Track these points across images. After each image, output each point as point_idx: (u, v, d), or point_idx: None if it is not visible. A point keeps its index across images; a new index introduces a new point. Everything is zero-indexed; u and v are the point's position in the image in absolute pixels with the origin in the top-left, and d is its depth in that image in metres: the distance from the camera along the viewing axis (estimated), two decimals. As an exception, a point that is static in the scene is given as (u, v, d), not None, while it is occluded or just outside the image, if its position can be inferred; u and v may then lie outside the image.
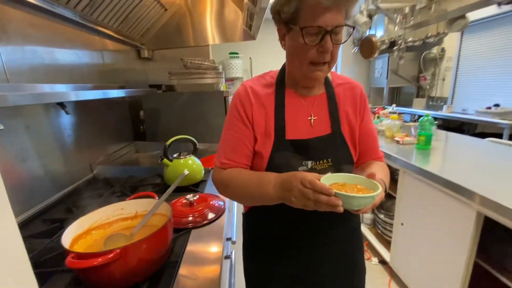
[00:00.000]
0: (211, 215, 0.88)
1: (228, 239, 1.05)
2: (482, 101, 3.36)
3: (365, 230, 2.21)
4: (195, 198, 0.92)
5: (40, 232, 0.78)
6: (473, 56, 3.59)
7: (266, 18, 5.53)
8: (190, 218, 0.85)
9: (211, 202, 0.94)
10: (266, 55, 4.94)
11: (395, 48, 2.40)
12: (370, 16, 2.46)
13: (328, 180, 0.54)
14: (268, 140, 0.67)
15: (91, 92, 1.11)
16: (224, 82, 2.48)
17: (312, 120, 0.70)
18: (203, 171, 1.20)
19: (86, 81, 1.28)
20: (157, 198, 0.79)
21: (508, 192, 1.06)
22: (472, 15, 3.24)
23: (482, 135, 2.65)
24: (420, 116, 3.30)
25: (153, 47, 2.01)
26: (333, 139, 0.70)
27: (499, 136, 2.62)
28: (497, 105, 3.03)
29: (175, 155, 1.15)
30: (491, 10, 2.85)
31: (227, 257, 0.99)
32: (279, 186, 0.56)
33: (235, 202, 1.48)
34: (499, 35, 3.20)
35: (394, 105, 3.35)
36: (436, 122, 3.71)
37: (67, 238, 0.56)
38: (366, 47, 2.72)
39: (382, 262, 2.00)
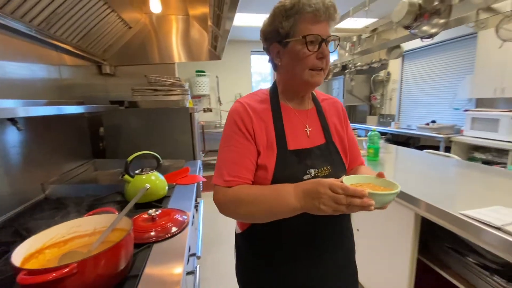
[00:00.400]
0: (174, 229, 0.88)
1: (193, 254, 1.05)
2: (422, 118, 3.83)
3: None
4: (157, 212, 0.92)
5: (-18, 257, 0.71)
6: (413, 79, 4.13)
7: (232, 39, 5.73)
8: (152, 233, 0.84)
9: (174, 216, 0.95)
10: (232, 74, 5.11)
11: (346, 71, 2.68)
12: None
13: (347, 181, 0.58)
14: (271, 152, 0.69)
15: (44, 108, 1.07)
16: (191, 99, 2.50)
17: (308, 131, 0.75)
18: (167, 187, 1.20)
19: (41, 96, 1.22)
20: (117, 213, 0.78)
21: (439, 195, 1.23)
22: (410, 45, 3.78)
23: (424, 148, 3.01)
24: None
25: (115, 63, 1.98)
26: (328, 148, 0.75)
27: (437, 148, 3.01)
28: (433, 122, 3.48)
29: (137, 171, 1.14)
30: (425, 41, 3.35)
31: (191, 272, 0.98)
32: (303, 196, 0.56)
33: (201, 215, 1.48)
34: (432, 62, 3.75)
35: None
36: (386, 136, 4.11)
37: (17, 257, 0.53)
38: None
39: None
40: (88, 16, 1.33)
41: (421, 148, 2.98)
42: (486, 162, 2.75)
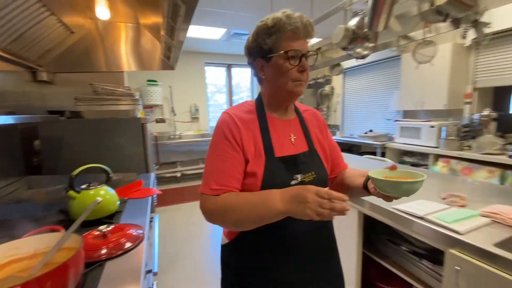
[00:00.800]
0: (128, 245, 0.84)
1: (149, 271, 1.00)
2: (362, 128, 4.31)
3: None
4: (109, 228, 0.86)
5: None
6: (353, 93, 4.63)
7: (186, 50, 5.68)
8: (104, 251, 0.79)
9: (128, 231, 0.90)
10: (186, 85, 5.02)
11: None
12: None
13: (377, 175, 0.64)
14: (260, 160, 0.72)
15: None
16: (142, 109, 2.39)
17: (293, 139, 0.79)
18: (118, 202, 1.13)
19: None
20: (63, 231, 0.71)
21: (376, 193, 1.41)
22: (349, 63, 4.27)
23: (364, 153, 3.37)
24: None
25: (54, 70, 1.80)
26: (311, 154, 0.80)
27: (375, 153, 3.41)
28: (371, 131, 3.94)
29: (83, 186, 1.05)
30: (359, 61, 3.81)
31: (148, 289, 0.93)
32: (289, 200, 0.59)
33: (156, 230, 1.41)
34: (368, 79, 4.28)
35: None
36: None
37: None
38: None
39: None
40: (22, 18, 1.21)
41: (362, 154, 3.33)
42: (413, 164, 3.21)
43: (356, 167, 0.90)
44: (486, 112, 2.62)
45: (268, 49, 0.71)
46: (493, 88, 2.87)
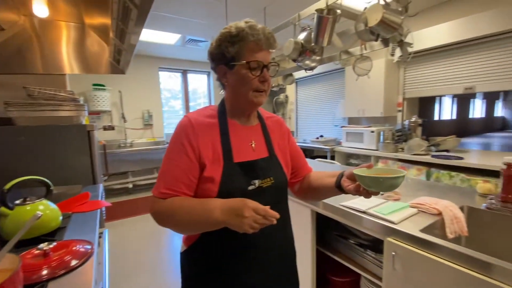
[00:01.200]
0: (74, 262, 0.77)
1: (99, 290, 0.92)
2: (314, 133, 4.61)
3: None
4: (50, 246, 0.78)
5: None
6: (305, 101, 4.95)
7: (139, 54, 5.38)
8: (45, 271, 0.71)
9: (74, 248, 0.82)
10: (139, 90, 4.76)
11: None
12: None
13: (360, 172, 0.68)
14: (218, 165, 0.73)
15: None
16: (87, 116, 2.20)
17: (253, 145, 0.80)
18: (61, 217, 1.02)
19: None
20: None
21: (327, 193, 1.53)
22: (301, 73, 4.57)
23: (317, 157, 3.61)
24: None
25: (-24, 70, 1.56)
26: (271, 160, 0.82)
27: (325, 157, 3.68)
28: (321, 136, 4.25)
29: (17, 202, 0.93)
30: (308, 72, 4.11)
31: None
32: (228, 211, 0.62)
33: (106, 246, 1.31)
34: (318, 88, 4.62)
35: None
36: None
37: None
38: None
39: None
40: None
41: (314, 157, 3.57)
42: (359, 166, 3.55)
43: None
44: (413, 118, 3.06)
45: (231, 57, 0.72)
46: (418, 98, 3.37)
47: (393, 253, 1.03)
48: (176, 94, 5.55)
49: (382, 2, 1.27)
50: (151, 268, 2.24)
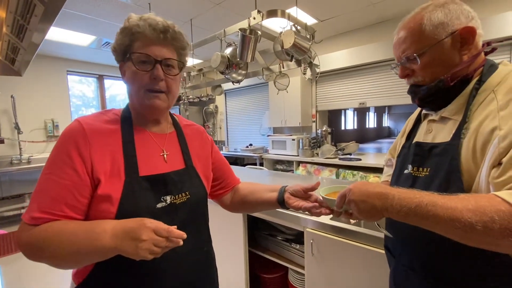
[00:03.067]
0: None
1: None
2: (244, 142, 4.82)
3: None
4: None
5: None
6: (235, 112, 5.14)
7: (42, 54, 4.62)
8: None
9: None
10: (39, 95, 4.01)
11: (180, 102, 2.96)
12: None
13: (323, 192, 0.70)
14: (117, 180, 0.60)
15: None
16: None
17: (165, 156, 0.69)
18: None
19: None
20: None
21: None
22: (230, 85, 4.76)
23: (247, 165, 3.78)
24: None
25: None
26: (188, 173, 0.71)
27: (255, 164, 3.89)
28: (251, 145, 4.48)
29: None
30: (241, 82, 4.31)
31: None
32: (121, 235, 0.51)
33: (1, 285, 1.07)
34: (246, 99, 4.88)
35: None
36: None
37: None
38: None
39: None
40: None
41: (245, 165, 3.73)
42: (284, 170, 3.90)
43: (242, 177, 1.02)
44: (324, 128, 3.60)
45: (123, 51, 0.65)
46: (328, 110, 3.98)
47: (311, 240, 1.21)
48: (89, 102, 4.90)
49: (294, 29, 1.51)
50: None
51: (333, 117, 4.33)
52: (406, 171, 0.65)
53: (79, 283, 0.62)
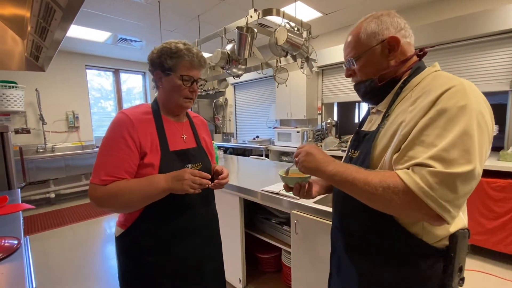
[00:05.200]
0: None
1: None
2: (251, 134, 4.94)
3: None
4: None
5: None
6: (243, 105, 5.25)
7: (63, 50, 4.87)
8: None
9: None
10: (61, 89, 4.31)
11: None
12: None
13: (281, 172, 0.85)
14: (156, 153, 0.87)
15: None
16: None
17: (184, 138, 0.99)
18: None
19: None
20: None
21: (254, 182, 1.78)
22: (238, 78, 4.87)
23: (254, 155, 3.92)
24: (218, 147, 4.31)
25: None
26: (199, 150, 1.02)
27: (261, 155, 4.02)
28: (258, 136, 4.60)
29: None
30: (249, 76, 4.41)
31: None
32: (171, 179, 0.80)
33: (29, 252, 1.28)
34: (254, 93, 4.97)
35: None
36: (229, 150, 4.91)
37: None
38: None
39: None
40: None
41: (249, 156, 3.86)
42: (290, 161, 4.00)
43: (246, 165, 1.22)
44: (329, 120, 3.65)
45: (168, 68, 0.90)
46: (339, 103, 4.00)
47: (295, 221, 1.33)
48: (107, 94, 5.18)
49: (287, 26, 1.60)
50: (82, 277, 2.15)
51: (344, 109, 4.37)
52: (349, 154, 0.78)
53: (127, 228, 0.88)
